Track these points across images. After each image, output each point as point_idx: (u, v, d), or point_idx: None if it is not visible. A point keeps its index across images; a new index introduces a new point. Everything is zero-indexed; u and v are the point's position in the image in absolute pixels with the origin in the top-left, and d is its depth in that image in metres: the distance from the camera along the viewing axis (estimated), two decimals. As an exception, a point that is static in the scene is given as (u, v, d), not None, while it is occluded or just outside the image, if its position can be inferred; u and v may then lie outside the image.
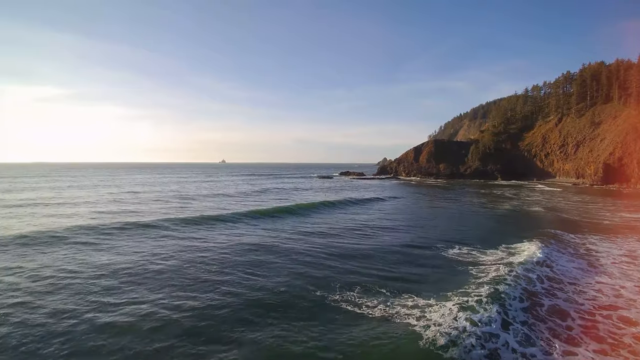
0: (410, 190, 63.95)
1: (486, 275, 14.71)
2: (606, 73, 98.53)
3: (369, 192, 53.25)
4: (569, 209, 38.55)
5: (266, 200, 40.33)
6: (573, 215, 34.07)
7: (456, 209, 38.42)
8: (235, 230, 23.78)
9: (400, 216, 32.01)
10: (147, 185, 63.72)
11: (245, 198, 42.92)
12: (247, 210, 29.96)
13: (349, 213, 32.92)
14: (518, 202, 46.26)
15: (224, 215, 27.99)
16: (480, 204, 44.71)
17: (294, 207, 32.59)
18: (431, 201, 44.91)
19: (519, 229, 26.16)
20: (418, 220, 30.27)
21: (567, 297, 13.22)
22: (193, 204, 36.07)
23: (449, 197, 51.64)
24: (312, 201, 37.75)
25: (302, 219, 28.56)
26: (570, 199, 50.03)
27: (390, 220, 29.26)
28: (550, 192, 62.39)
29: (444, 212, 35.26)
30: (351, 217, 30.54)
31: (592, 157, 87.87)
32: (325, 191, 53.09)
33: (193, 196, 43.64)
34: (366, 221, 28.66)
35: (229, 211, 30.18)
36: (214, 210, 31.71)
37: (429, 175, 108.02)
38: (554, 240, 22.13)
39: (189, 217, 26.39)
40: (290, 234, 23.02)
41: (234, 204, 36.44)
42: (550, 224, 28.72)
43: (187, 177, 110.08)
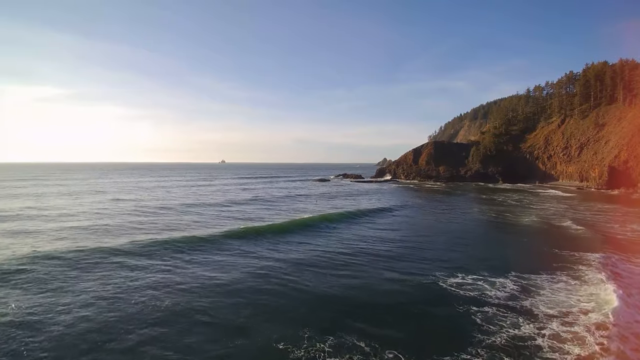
0: (408, 196, 61.37)
1: (498, 334, 11.32)
2: (610, 73, 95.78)
3: (364, 200, 50.44)
4: (591, 220, 35.31)
5: (249, 212, 36.80)
6: (604, 228, 30.09)
7: (458, 219, 35.80)
8: (168, 263, 19.07)
9: (395, 234, 28.81)
10: (134, 191, 61.11)
11: (228, 209, 39.26)
12: (212, 234, 25.08)
13: (333, 233, 27.92)
14: (523, 210, 43.64)
15: (176, 240, 23.06)
16: (483, 213, 42.15)
17: (266, 228, 26.76)
18: (431, 210, 42.02)
19: (531, 250, 23.39)
20: (416, 236, 27.40)
21: None
22: (164, 218, 32.10)
23: (450, 205, 49.09)
24: (291, 219, 31.66)
25: (271, 245, 23.31)
26: (581, 206, 47.07)
27: (382, 242, 25.10)
28: (556, 198, 59.66)
29: (445, 226, 32.35)
30: (335, 239, 25.93)
31: (597, 159, 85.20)
32: (318, 198, 50.37)
33: (173, 206, 40.70)
34: (353, 244, 24.26)
35: (191, 232, 26.04)
36: (179, 229, 27.89)
37: (428, 178, 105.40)
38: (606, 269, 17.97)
39: (139, 243, 22.33)
40: (240, 272, 17.82)
41: (208, 220, 31.84)
42: (574, 242, 25.15)
43: (180, 180, 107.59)
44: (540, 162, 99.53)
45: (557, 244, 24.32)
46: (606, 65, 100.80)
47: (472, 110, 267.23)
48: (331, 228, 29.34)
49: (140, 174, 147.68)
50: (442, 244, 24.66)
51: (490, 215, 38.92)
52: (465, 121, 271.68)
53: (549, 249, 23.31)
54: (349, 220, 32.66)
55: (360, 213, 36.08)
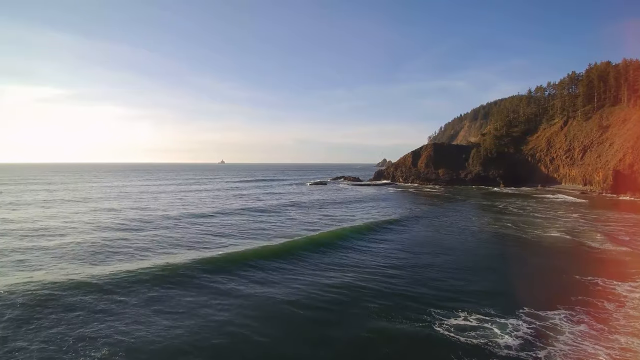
0: (406, 202, 58.87)
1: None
2: (614, 73, 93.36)
3: (358, 209, 47.42)
4: (613, 232, 32.36)
5: (230, 228, 33.15)
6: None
7: (459, 233, 33.16)
8: (108, 307, 15.52)
9: (388, 256, 25.08)
10: (118, 198, 58.05)
11: (210, 223, 35.71)
12: (180, 264, 20.99)
13: (314, 261, 23.10)
14: (530, 220, 41.22)
15: (131, 273, 19.27)
16: (486, 223, 39.73)
17: (239, 256, 22.98)
18: (429, 222, 38.99)
19: (545, 274, 20.56)
20: (412, 257, 24.55)
21: None
22: (134, 237, 28.50)
23: (450, 214, 46.65)
24: (272, 243, 27.01)
25: (239, 280, 19.28)
26: (593, 214, 44.37)
27: (371, 271, 21.08)
28: (563, 205, 57.10)
29: (444, 242, 29.55)
30: (317, 269, 21.50)
31: (601, 162, 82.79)
32: (310, 207, 47.76)
33: (152, 219, 36.88)
34: (335, 276, 20.12)
35: (156, 259, 22.22)
36: (144, 254, 24.05)
37: (427, 181, 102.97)
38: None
39: (88, 275, 18.94)
40: (201, 322, 14.37)
41: (182, 241, 27.57)
42: (597, 264, 21.79)
43: (172, 184, 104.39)
44: (543, 164, 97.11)
45: (575, 267, 21.51)
46: (609, 65, 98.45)
47: (472, 111, 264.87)
48: (316, 252, 25.20)
49: (133, 177, 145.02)
50: (440, 268, 21.95)
51: (493, 228, 36.38)
52: (465, 122, 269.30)
53: (566, 273, 20.58)
54: (336, 245, 27.63)
55: (351, 232, 31.37)
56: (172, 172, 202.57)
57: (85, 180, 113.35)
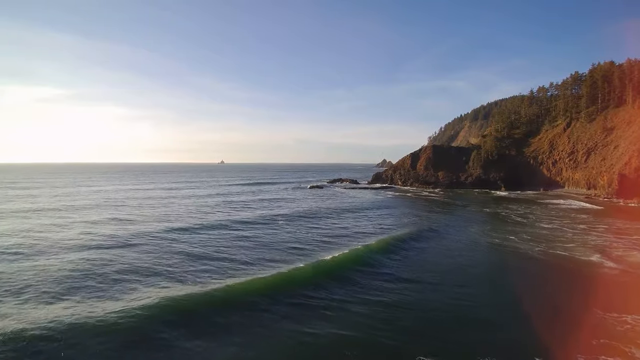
0: (404, 211, 55.80)
1: None
2: (618, 74, 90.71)
3: (351, 221, 43.89)
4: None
5: (205, 247, 29.39)
6: None
7: (457, 252, 30.45)
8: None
9: (376, 289, 20.91)
10: (100, 207, 53.96)
11: (184, 240, 31.81)
12: (118, 312, 16.62)
13: (285, 312, 17.98)
14: (535, 232, 38.62)
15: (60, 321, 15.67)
16: (487, 235, 37.15)
17: (194, 303, 18.05)
18: (424, 237, 35.46)
19: (557, 309, 17.62)
20: (401, 289, 20.81)
21: None
22: (84, 268, 23.85)
23: (448, 223, 44.01)
24: (243, 280, 21.40)
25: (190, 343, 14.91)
26: (604, 225, 41.65)
27: (354, 320, 16.87)
28: (570, 212, 54.38)
29: (440, 265, 26.37)
30: (283, 328, 16.33)
31: (605, 166, 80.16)
32: (300, 219, 44.66)
33: (124, 235, 32.92)
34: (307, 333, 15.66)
35: (97, 303, 18.00)
36: (90, 293, 19.61)
37: (426, 185, 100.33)
38: None
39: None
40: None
41: (137, 275, 22.53)
42: (621, 295, 18.96)
43: (163, 187, 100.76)
44: (545, 167, 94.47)
45: (594, 298, 18.56)
46: (613, 65, 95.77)
47: (473, 111, 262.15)
48: (292, 296, 19.53)
49: (127, 179, 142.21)
50: (433, 305, 18.60)
51: (496, 243, 33.56)
52: (465, 122, 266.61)
53: (583, 307, 17.60)
54: (315, 283, 21.57)
55: (335, 265, 24.78)
56: (168, 174, 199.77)
57: (76, 184, 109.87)
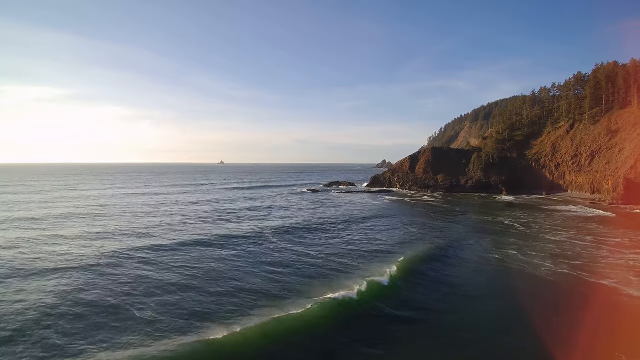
0: (401, 219, 53.09)
1: None
2: (623, 74, 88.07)
3: (340, 236, 40.42)
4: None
5: (171, 274, 25.84)
6: None
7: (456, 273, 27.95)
8: None
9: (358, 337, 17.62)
10: (78, 217, 50.82)
11: (147, 266, 28.49)
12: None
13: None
14: (541, 246, 36.09)
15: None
16: (487, 251, 34.68)
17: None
18: (418, 256, 32.26)
19: (577, 350, 15.02)
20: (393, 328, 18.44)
21: None
22: (41, 298, 21.28)
23: (447, 236, 41.45)
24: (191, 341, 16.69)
25: None
26: (619, 236, 39.19)
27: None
28: (577, 221, 51.75)
29: (440, 301, 22.71)
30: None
31: (610, 170, 77.60)
32: (285, 236, 40.68)
33: (91, 258, 29.58)
34: None
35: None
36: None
37: (426, 188, 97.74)
38: None
39: None
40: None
41: (100, 312, 19.81)
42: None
43: (151, 191, 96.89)
44: (548, 171, 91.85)
45: (616, 336, 16.06)
46: (617, 65, 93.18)
47: (473, 112, 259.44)
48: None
49: (119, 182, 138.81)
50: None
51: (500, 261, 30.82)
52: (465, 122, 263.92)
53: (605, 348, 15.13)
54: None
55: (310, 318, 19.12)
56: (163, 176, 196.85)
57: (66, 187, 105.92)
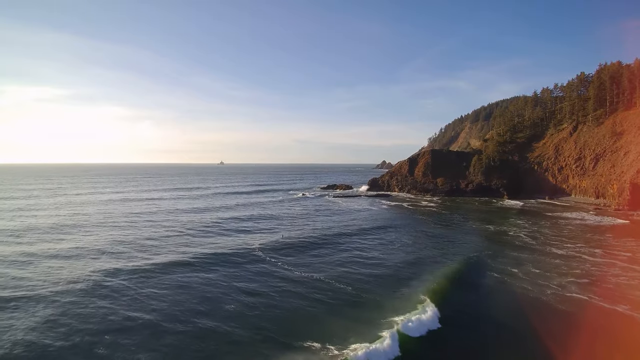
0: (399, 230, 49.93)
1: None
2: (628, 74, 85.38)
3: (334, 250, 37.18)
4: None
5: (131, 311, 22.05)
6: None
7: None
8: None
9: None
10: (52, 228, 47.57)
11: (116, 289, 25.62)
12: None
13: None
14: (543, 263, 33.44)
15: None
16: (495, 271, 32.08)
17: None
18: (413, 277, 30.80)
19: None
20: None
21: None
22: None
23: (450, 252, 38.88)
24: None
25: None
26: (624, 251, 36.24)
27: None
28: (585, 230, 49.11)
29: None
30: None
31: (615, 174, 74.92)
32: (273, 252, 37.01)
33: (45, 286, 26.14)
34: None
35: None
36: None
37: (425, 192, 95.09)
38: None
39: None
40: None
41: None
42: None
43: (146, 195, 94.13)
44: (550, 174, 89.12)
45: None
46: (622, 65, 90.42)
47: (473, 112, 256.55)
48: None
49: (112, 184, 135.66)
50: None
51: (502, 282, 28.16)
52: (466, 123, 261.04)
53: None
54: None
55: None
56: (157, 178, 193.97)
57: (54, 192, 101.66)
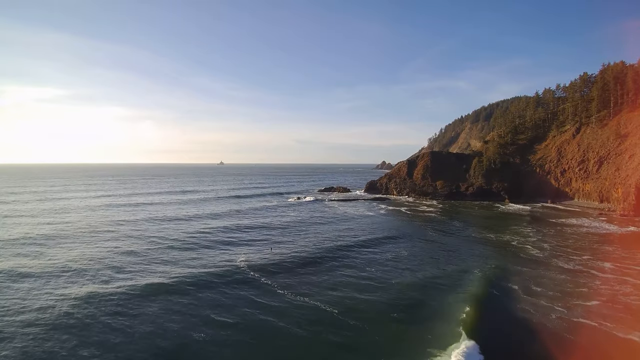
0: (397, 240, 47.27)
1: None
2: (632, 75, 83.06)
3: (324, 270, 33.32)
4: None
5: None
6: None
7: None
8: None
9: None
10: (25, 241, 43.60)
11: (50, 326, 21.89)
12: None
13: None
14: (551, 281, 31.20)
15: None
16: (497, 288, 29.87)
17: None
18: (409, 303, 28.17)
19: None
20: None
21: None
22: None
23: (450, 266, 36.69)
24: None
25: None
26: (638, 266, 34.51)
27: None
28: (590, 239, 46.85)
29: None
30: None
31: (620, 177, 72.61)
32: (253, 281, 30.30)
33: (13, 311, 23.08)
34: None
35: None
36: None
37: (424, 195, 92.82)
38: None
39: None
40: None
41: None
42: None
43: (134, 200, 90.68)
44: (553, 177, 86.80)
45: None
46: (626, 65, 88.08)
47: (474, 112, 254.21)
48: None
49: (102, 187, 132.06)
50: None
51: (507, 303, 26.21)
52: (466, 123, 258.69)
53: None
54: None
55: None
56: (154, 179, 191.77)
57: (43, 196, 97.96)
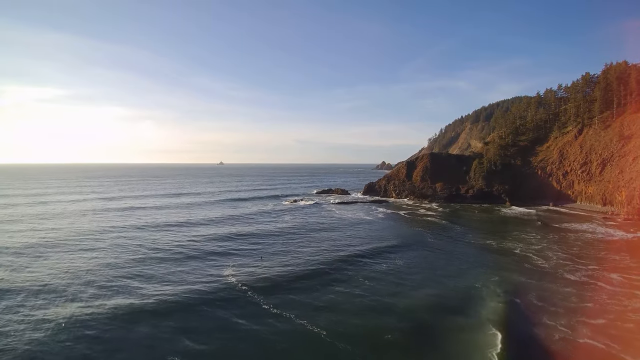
0: (395, 249, 45.68)
1: None
2: (636, 75, 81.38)
3: (323, 273, 32.88)
4: None
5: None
6: None
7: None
8: None
9: None
10: (15, 250, 41.75)
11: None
12: None
13: None
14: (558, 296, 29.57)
15: None
16: (498, 301, 28.20)
17: None
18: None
19: None
20: None
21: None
22: None
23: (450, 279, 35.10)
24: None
25: None
26: None
27: None
28: (597, 245, 45.30)
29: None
30: None
31: (623, 180, 70.97)
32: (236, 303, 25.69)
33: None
34: None
35: None
36: None
37: (423, 198, 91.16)
38: None
39: None
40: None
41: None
42: None
43: (125, 204, 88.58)
44: (554, 179, 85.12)
45: None
46: (629, 65, 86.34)
47: (474, 113, 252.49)
48: None
49: (96, 188, 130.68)
50: None
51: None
52: (466, 123, 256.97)
53: None
54: None
55: None
56: (151, 180, 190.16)
57: (34, 199, 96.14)
